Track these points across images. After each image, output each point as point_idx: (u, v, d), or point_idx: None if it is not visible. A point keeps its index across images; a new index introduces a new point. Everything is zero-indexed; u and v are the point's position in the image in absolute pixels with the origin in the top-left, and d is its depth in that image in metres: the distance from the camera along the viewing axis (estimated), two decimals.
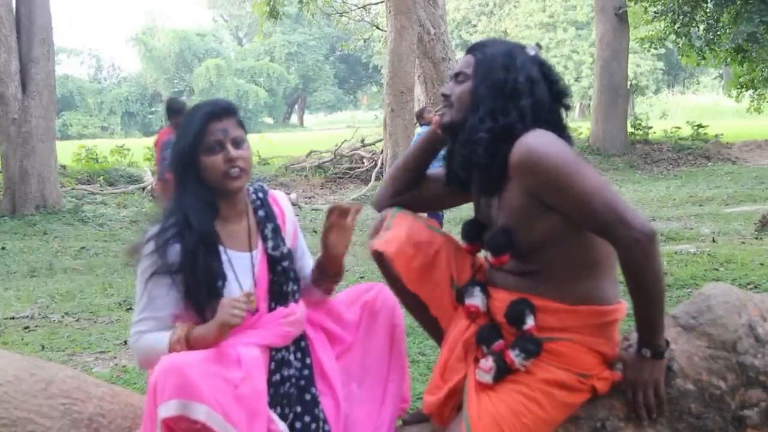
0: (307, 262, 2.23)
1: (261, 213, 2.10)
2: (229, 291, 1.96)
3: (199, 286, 1.92)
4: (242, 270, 2.01)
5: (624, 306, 1.98)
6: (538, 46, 2.07)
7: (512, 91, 1.93)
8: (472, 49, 2.05)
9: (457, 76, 2.04)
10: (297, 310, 2.08)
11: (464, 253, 2.14)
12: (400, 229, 2.11)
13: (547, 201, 1.85)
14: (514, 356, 1.89)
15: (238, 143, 1.99)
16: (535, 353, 1.89)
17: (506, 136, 1.90)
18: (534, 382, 1.88)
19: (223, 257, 1.99)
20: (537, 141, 1.85)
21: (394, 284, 2.17)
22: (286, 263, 2.09)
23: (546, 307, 1.91)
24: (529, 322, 1.90)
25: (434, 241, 2.10)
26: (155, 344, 1.90)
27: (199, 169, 1.97)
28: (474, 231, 2.08)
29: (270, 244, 2.07)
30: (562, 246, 1.89)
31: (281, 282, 2.07)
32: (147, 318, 1.95)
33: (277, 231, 2.10)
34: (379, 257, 2.08)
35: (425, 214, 2.30)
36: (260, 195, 2.13)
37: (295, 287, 2.11)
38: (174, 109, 7.44)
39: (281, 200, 2.19)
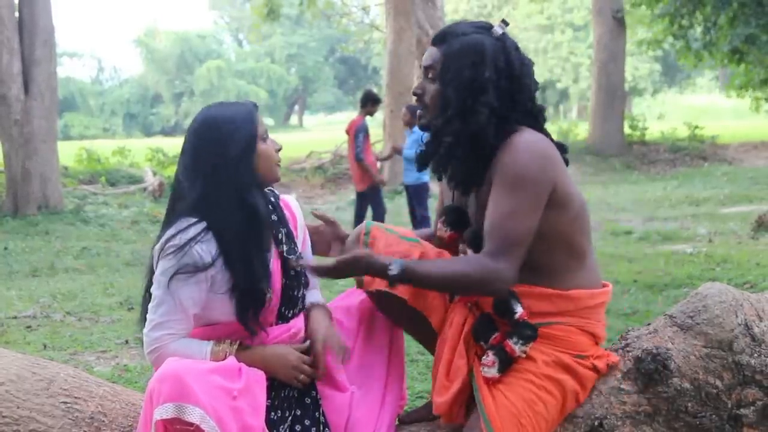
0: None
1: (273, 217, 2.07)
2: None
3: (253, 271, 1.89)
4: None
5: (610, 288, 2.04)
6: (505, 23, 1.99)
7: (480, 88, 1.91)
8: (437, 41, 1.99)
9: (427, 72, 2.00)
10: (298, 323, 2.07)
11: (444, 254, 2.09)
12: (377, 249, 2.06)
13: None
14: (513, 344, 1.90)
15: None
16: (532, 338, 1.91)
17: (477, 138, 1.92)
18: (538, 369, 1.90)
19: None
20: (527, 140, 1.89)
21: (383, 307, 2.14)
22: (299, 268, 2.09)
23: (541, 294, 1.93)
24: (519, 310, 1.91)
25: (412, 251, 2.05)
26: (194, 354, 1.86)
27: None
28: (458, 218, 2.05)
29: (284, 248, 2.05)
30: (541, 241, 1.89)
31: (293, 287, 2.05)
32: (173, 320, 1.88)
33: (290, 236, 2.08)
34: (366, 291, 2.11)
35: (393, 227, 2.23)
36: (271, 199, 2.11)
37: (304, 292, 2.11)
38: (372, 98, 7.83)
39: (293, 205, 2.17)
